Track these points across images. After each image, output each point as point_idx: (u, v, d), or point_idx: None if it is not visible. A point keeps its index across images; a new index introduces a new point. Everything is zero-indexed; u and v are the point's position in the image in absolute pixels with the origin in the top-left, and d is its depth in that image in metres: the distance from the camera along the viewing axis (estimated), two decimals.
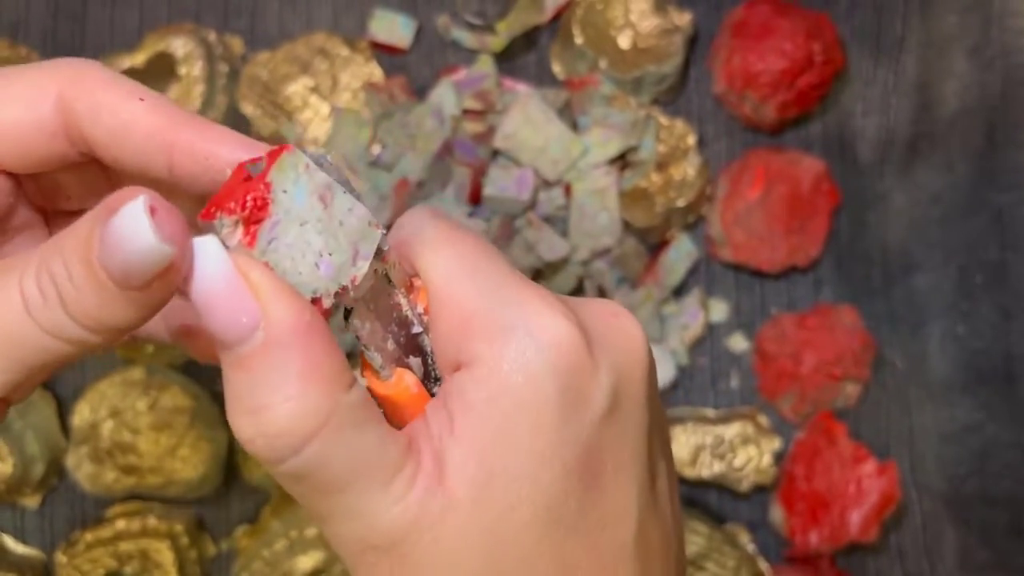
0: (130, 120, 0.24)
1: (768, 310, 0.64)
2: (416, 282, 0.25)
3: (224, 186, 0.22)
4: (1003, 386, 0.58)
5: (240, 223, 0.22)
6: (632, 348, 0.25)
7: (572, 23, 0.62)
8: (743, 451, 0.61)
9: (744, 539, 0.62)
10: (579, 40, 0.62)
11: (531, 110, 0.60)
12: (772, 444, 0.61)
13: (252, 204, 0.22)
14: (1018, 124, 0.57)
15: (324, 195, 0.23)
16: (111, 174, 0.27)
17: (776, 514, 0.62)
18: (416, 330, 0.25)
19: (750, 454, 0.61)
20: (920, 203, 0.62)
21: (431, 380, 0.26)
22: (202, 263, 0.21)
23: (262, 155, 0.23)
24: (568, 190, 0.61)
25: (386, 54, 0.64)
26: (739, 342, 0.63)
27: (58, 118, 0.24)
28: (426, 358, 0.26)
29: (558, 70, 0.64)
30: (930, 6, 0.62)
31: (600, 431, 0.24)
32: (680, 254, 0.62)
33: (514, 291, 0.24)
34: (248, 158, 0.23)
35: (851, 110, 0.64)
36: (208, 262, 0.21)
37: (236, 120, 0.63)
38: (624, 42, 0.62)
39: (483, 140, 0.60)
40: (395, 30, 0.63)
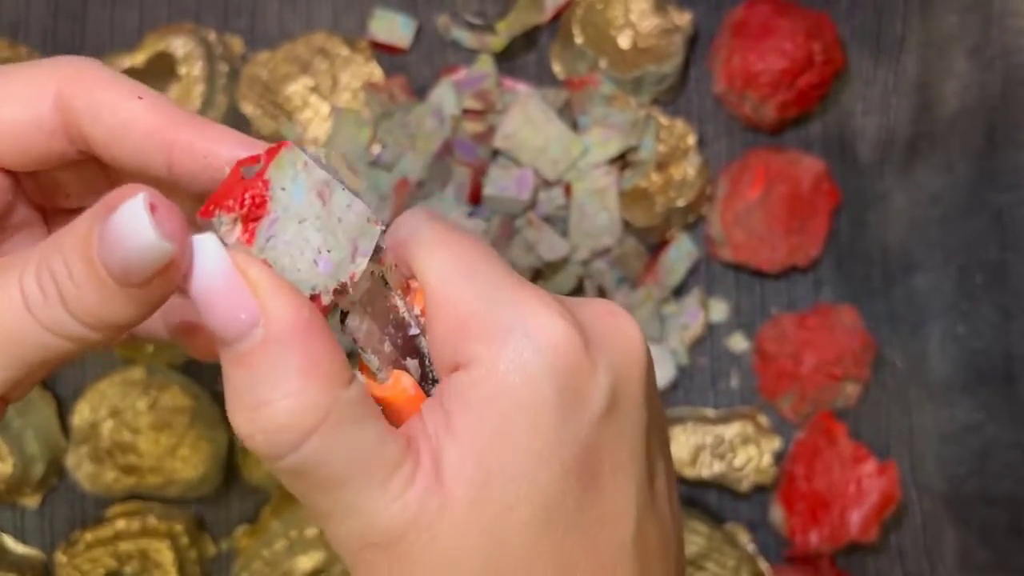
0: (129, 118, 0.24)
1: (768, 310, 0.64)
2: (413, 284, 0.25)
3: (223, 184, 0.22)
4: (1003, 386, 0.58)
5: (239, 221, 0.22)
6: (630, 348, 0.25)
7: (572, 23, 0.62)
8: (743, 451, 0.61)
9: (744, 539, 0.62)
10: (579, 40, 0.62)
11: (531, 110, 0.60)
12: (772, 444, 0.61)
13: (250, 202, 0.22)
14: (1018, 124, 0.57)
15: (322, 192, 0.23)
16: (110, 172, 0.27)
17: (776, 514, 0.62)
18: (413, 332, 0.25)
19: (750, 454, 0.61)
20: (920, 203, 0.62)
21: (428, 382, 0.26)
22: (201, 261, 0.21)
23: (260, 153, 0.23)
24: (568, 190, 0.61)
25: (386, 54, 0.64)
26: (739, 342, 0.63)
27: (57, 116, 0.24)
28: (423, 360, 0.25)
29: (558, 70, 0.64)
30: (930, 6, 0.62)
31: (598, 431, 0.24)
32: (680, 254, 0.62)
33: (511, 292, 0.24)
34: (247, 156, 0.23)
35: (851, 110, 0.64)
36: (207, 259, 0.21)
37: (236, 120, 0.63)
38: (624, 42, 0.62)
39: (483, 140, 0.60)
40: (395, 30, 0.63)
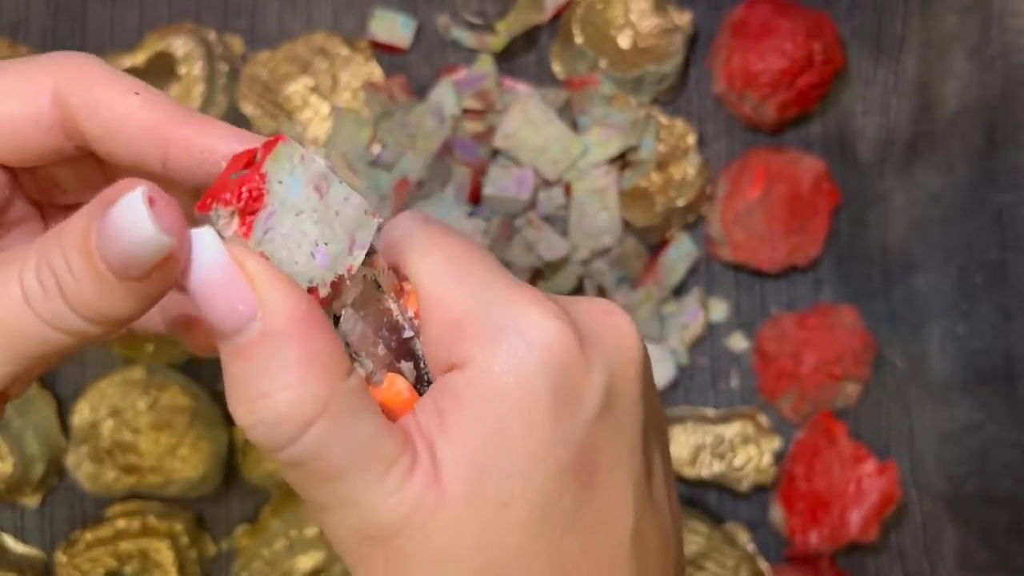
0: (125, 114, 0.24)
1: (768, 310, 0.64)
2: (406, 286, 0.25)
3: (219, 177, 0.22)
4: (1003, 386, 0.58)
5: (236, 214, 0.22)
6: (625, 345, 0.25)
7: (572, 23, 0.62)
8: (743, 451, 0.61)
9: (744, 539, 0.62)
10: (579, 40, 0.62)
11: (531, 110, 0.60)
12: (772, 444, 0.61)
13: (247, 195, 0.22)
14: (1018, 124, 0.57)
15: (320, 185, 0.23)
16: (106, 168, 0.27)
17: (776, 514, 0.61)
18: (407, 334, 0.25)
19: (750, 454, 0.61)
20: (920, 203, 0.62)
21: (423, 384, 0.25)
22: (199, 254, 0.21)
23: (257, 147, 0.23)
24: (568, 190, 0.61)
25: (386, 54, 0.64)
26: (739, 342, 0.63)
27: (55, 112, 0.24)
28: (418, 362, 0.25)
29: (558, 70, 0.64)
30: (930, 6, 0.62)
31: (594, 429, 0.23)
32: (680, 254, 0.62)
33: (505, 293, 0.24)
34: (243, 150, 0.23)
35: (851, 110, 0.64)
36: (205, 253, 0.21)
37: (236, 120, 0.63)
38: (624, 42, 0.62)
39: (483, 140, 0.60)
40: (395, 30, 0.63)
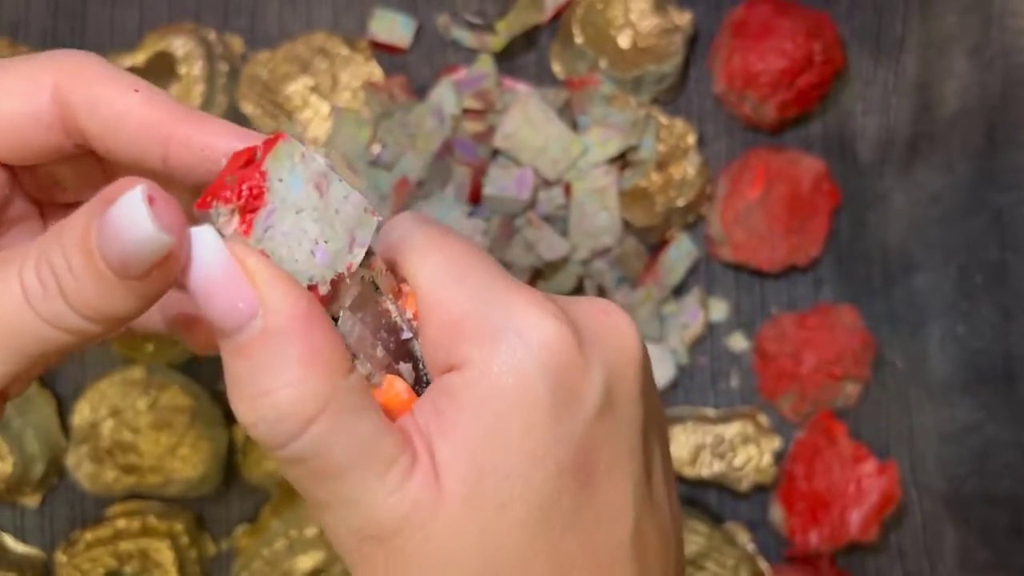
0: (124, 111, 0.24)
1: (768, 310, 0.64)
2: (404, 288, 0.25)
3: (220, 175, 0.22)
4: (1003, 386, 0.58)
5: (236, 212, 0.22)
6: (625, 345, 0.25)
7: (572, 23, 0.62)
8: (743, 450, 0.61)
9: (744, 539, 0.62)
10: (579, 40, 0.62)
11: (531, 110, 0.60)
12: (772, 444, 0.61)
13: (248, 193, 0.22)
14: (1018, 124, 0.57)
15: (320, 183, 0.23)
16: (106, 166, 0.27)
17: (776, 514, 0.61)
18: (406, 336, 0.25)
19: (750, 453, 0.61)
20: (920, 203, 0.62)
21: (422, 386, 0.25)
22: (199, 252, 0.21)
23: (257, 145, 0.23)
24: (568, 190, 0.61)
25: (386, 54, 0.64)
26: (739, 342, 0.63)
27: (55, 110, 0.24)
28: (416, 364, 0.25)
29: (558, 70, 0.64)
30: (930, 6, 0.62)
31: (593, 429, 0.23)
32: (680, 254, 0.62)
33: (503, 293, 0.24)
34: (244, 147, 0.23)
35: (851, 110, 0.64)
36: (205, 251, 0.21)
37: (236, 119, 0.61)
38: (624, 42, 0.62)
39: (483, 140, 0.60)
40: (395, 30, 0.63)
